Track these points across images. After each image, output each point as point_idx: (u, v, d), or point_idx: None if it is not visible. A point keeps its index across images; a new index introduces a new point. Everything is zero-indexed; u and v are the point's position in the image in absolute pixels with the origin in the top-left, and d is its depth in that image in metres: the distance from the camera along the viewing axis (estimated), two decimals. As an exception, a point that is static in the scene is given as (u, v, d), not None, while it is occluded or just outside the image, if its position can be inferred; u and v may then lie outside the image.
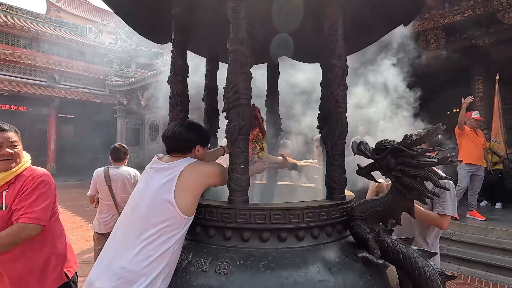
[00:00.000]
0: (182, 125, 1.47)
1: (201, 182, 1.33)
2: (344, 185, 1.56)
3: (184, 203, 1.26)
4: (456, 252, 4.32)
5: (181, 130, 1.44)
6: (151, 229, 1.22)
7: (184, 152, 1.43)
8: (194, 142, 1.45)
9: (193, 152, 1.45)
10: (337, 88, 1.54)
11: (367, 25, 1.93)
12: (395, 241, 1.36)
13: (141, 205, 1.28)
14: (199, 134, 1.49)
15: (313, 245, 1.37)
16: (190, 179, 1.30)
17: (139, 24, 2.07)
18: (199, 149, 1.48)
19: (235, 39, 1.40)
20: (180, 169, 1.30)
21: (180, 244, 1.31)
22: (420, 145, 1.30)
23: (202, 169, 1.36)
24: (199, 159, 1.46)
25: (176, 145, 1.44)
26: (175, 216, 1.24)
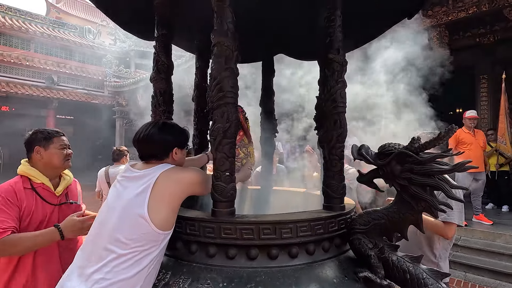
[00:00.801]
0: (155, 126, 1.29)
1: (179, 192, 1.17)
2: (343, 194, 1.40)
3: (159, 217, 1.11)
4: (463, 259, 4.14)
5: (154, 131, 1.26)
6: (119, 249, 1.06)
7: (160, 158, 1.27)
8: (171, 145, 1.28)
9: (170, 157, 1.28)
10: (334, 86, 1.39)
11: (368, 17, 1.78)
12: (401, 258, 1.20)
13: (109, 220, 1.12)
14: (176, 135, 1.32)
15: (308, 263, 1.21)
16: (166, 188, 1.14)
17: (123, 18, 1.92)
18: (177, 152, 1.30)
19: (220, 31, 1.24)
20: (155, 178, 1.14)
21: (157, 263, 1.15)
22: (429, 149, 1.13)
23: (180, 177, 1.19)
24: (177, 164, 1.30)
25: (150, 149, 1.27)
26: (148, 232, 1.08)
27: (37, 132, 1.70)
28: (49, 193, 1.63)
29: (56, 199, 1.65)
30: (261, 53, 2.38)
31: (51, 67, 14.20)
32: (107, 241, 1.08)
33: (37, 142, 1.66)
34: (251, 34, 2.01)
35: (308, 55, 2.41)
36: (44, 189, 1.62)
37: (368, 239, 1.26)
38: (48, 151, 1.65)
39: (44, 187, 1.62)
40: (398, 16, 1.87)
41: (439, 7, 5.59)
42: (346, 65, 1.43)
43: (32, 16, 15.46)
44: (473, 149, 4.71)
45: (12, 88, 12.75)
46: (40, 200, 1.58)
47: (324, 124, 1.43)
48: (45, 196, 1.61)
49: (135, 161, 1.31)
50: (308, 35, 1.83)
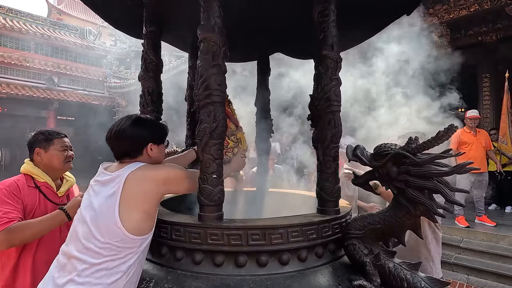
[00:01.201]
0: (127, 120, 1.19)
1: (151, 192, 1.07)
2: (338, 197, 1.34)
3: (132, 222, 1.03)
4: (465, 261, 4.05)
5: (126, 126, 1.16)
6: (92, 258, 0.99)
7: (134, 155, 1.16)
8: (144, 140, 1.17)
9: (145, 154, 1.18)
10: (329, 83, 1.32)
11: (365, 13, 1.71)
12: (398, 265, 1.13)
13: (80, 228, 1.05)
14: (150, 129, 1.20)
15: (299, 271, 1.15)
16: (137, 189, 1.05)
17: (112, 15, 1.87)
18: (153, 147, 1.19)
19: (206, 26, 1.18)
20: (123, 179, 1.05)
21: (137, 270, 1.08)
22: (427, 150, 1.07)
23: (151, 174, 1.09)
24: (154, 161, 1.20)
25: (122, 146, 1.17)
26: (122, 239, 1.02)
27: (39, 133, 1.68)
28: (52, 193, 1.62)
29: (58, 200, 1.63)
30: (257, 52, 2.32)
31: (51, 68, 14.19)
32: (79, 251, 1.02)
33: (38, 143, 1.64)
34: (245, 33, 1.95)
35: (305, 53, 2.35)
36: (47, 188, 1.61)
37: (363, 244, 1.20)
38: (48, 153, 1.63)
39: (47, 186, 1.61)
40: (397, 12, 1.80)
41: (440, 5, 5.51)
42: (340, 62, 1.37)
43: (33, 18, 15.47)
44: (474, 149, 4.62)
45: (13, 89, 12.76)
46: (43, 199, 1.57)
47: (318, 124, 1.36)
48: (48, 195, 1.59)
49: (109, 162, 1.22)
50: (304, 32, 1.76)
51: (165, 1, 1.56)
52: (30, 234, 1.40)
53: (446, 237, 4.46)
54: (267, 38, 2.13)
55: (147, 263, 1.23)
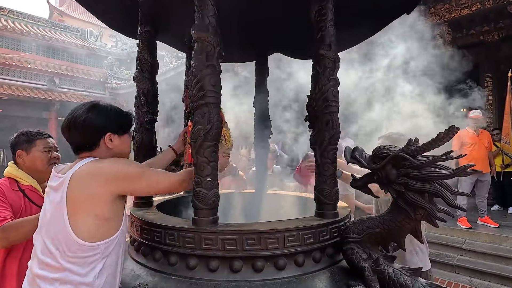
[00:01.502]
0: (82, 107, 1.06)
1: (98, 193, 0.94)
2: (336, 200, 1.31)
3: (84, 230, 0.93)
4: (467, 263, 4.00)
5: (79, 114, 1.03)
6: (51, 273, 0.93)
7: (90, 147, 1.05)
8: (101, 129, 1.05)
9: (103, 146, 1.06)
10: (326, 84, 1.29)
11: (365, 12, 1.69)
12: (398, 271, 1.10)
13: (37, 243, 0.98)
14: (108, 116, 1.07)
15: (296, 276, 1.12)
16: (81, 190, 0.94)
17: (106, 15, 1.85)
18: (113, 138, 1.06)
19: (200, 25, 1.15)
20: (68, 179, 0.94)
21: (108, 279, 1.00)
22: (428, 151, 1.04)
23: (96, 171, 0.96)
24: (115, 154, 1.08)
25: (76, 137, 1.05)
26: (78, 248, 0.93)
27: (20, 134, 1.63)
28: (38, 196, 1.57)
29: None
30: (255, 53, 2.30)
31: (52, 70, 14.23)
32: (39, 267, 0.95)
33: (19, 145, 1.59)
34: (242, 33, 1.93)
35: (304, 53, 2.32)
36: (32, 191, 1.56)
37: (362, 249, 1.16)
38: (30, 155, 1.58)
39: (32, 189, 1.57)
40: (397, 11, 1.77)
41: (442, 5, 5.47)
42: (338, 62, 1.34)
43: (34, 19, 15.52)
44: (477, 150, 4.57)
45: (14, 90, 12.79)
46: (28, 202, 1.53)
47: (315, 125, 1.33)
48: (33, 198, 1.55)
49: (64, 164, 1.09)
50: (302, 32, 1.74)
51: (160, 1, 1.54)
52: (23, 232, 1.36)
53: (448, 239, 4.42)
54: (265, 38, 2.11)
55: (141, 268, 1.20)
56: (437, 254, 4.23)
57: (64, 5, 26.33)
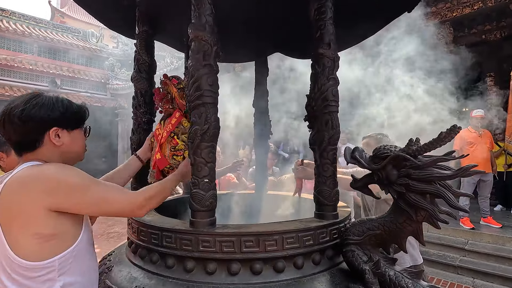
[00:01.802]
0: (21, 98, 0.90)
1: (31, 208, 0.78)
2: (336, 201, 1.29)
3: (25, 247, 0.79)
4: (470, 264, 3.97)
5: (17, 104, 0.86)
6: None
7: (32, 145, 0.88)
8: (43, 124, 0.87)
9: (48, 143, 0.89)
10: (326, 83, 1.27)
11: (364, 10, 1.67)
12: (399, 273, 1.08)
13: None
14: (52, 108, 0.89)
15: (296, 278, 1.10)
16: (13, 203, 0.78)
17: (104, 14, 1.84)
18: (60, 134, 0.90)
19: (197, 24, 1.14)
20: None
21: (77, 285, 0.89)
22: (429, 152, 1.02)
23: (34, 179, 0.80)
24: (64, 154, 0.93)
25: (11, 134, 0.87)
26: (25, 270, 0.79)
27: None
28: None
29: None
30: (254, 52, 2.28)
31: (54, 71, 14.30)
32: None
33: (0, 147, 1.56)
34: (241, 32, 1.91)
35: (304, 53, 2.30)
36: None
37: (362, 251, 1.14)
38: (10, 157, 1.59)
39: None
40: (397, 10, 1.75)
41: (443, 3, 5.44)
42: (338, 61, 1.32)
43: (36, 21, 15.59)
44: (479, 150, 4.53)
45: (16, 92, 12.83)
46: None
47: (314, 125, 1.32)
48: None
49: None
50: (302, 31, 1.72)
51: (157, 0, 1.52)
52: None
53: (451, 239, 4.38)
54: (264, 37, 2.09)
55: (138, 270, 1.19)
56: (440, 255, 4.19)
57: (65, 7, 26.45)
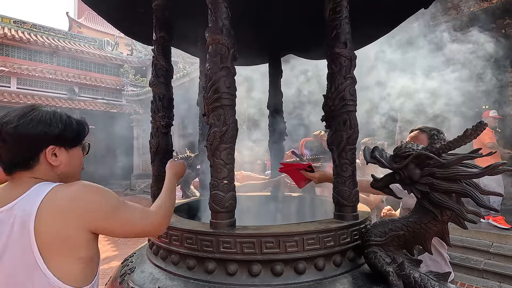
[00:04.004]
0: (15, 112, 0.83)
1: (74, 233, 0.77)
2: (356, 201, 1.27)
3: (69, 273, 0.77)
4: (496, 267, 3.80)
5: (11, 119, 0.80)
6: None
7: (26, 165, 0.82)
8: (38, 142, 0.81)
9: (43, 162, 0.83)
10: (343, 82, 1.26)
11: (381, 8, 1.65)
12: (425, 275, 1.05)
13: None
14: (49, 124, 0.83)
15: (317, 280, 1.09)
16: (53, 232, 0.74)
17: (124, 23, 1.90)
18: (57, 152, 0.84)
19: (214, 28, 1.16)
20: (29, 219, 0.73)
21: None
22: (454, 149, 0.99)
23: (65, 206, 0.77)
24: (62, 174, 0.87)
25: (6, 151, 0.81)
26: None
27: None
28: None
29: None
30: (268, 55, 2.29)
31: (72, 79, 14.83)
32: None
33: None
34: (256, 35, 1.93)
35: (318, 54, 2.29)
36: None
37: (385, 252, 1.12)
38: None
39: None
40: (414, 6, 1.72)
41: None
42: (355, 60, 1.31)
43: (55, 32, 16.25)
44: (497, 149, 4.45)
45: (37, 100, 13.39)
46: None
47: (332, 125, 1.30)
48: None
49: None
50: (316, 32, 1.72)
51: (173, 6, 1.56)
52: None
53: (474, 242, 4.22)
54: (278, 39, 2.10)
55: (160, 271, 1.20)
56: (463, 258, 4.04)
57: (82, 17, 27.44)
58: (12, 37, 13.83)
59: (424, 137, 1.83)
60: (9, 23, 14.67)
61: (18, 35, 14.19)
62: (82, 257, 0.80)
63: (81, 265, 0.80)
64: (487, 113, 4.77)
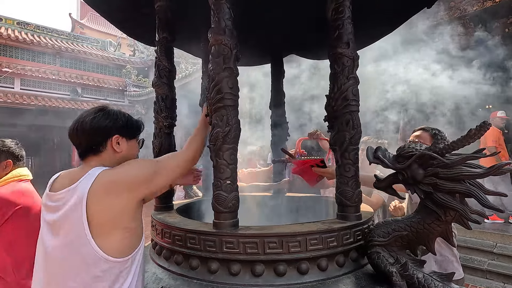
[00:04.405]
0: (89, 111, 1.07)
1: (122, 205, 0.92)
2: (359, 202, 1.26)
3: (113, 245, 0.91)
4: (500, 268, 3.77)
5: (87, 116, 1.04)
6: None
7: (97, 150, 1.02)
8: (107, 130, 1.03)
9: (109, 148, 1.04)
10: (346, 82, 1.26)
11: (382, 8, 1.64)
12: (428, 276, 1.05)
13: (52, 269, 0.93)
14: (115, 119, 1.05)
15: (320, 280, 1.09)
16: (104, 209, 0.90)
17: (125, 23, 1.90)
18: (120, 141, 1.05)
19: (217, 28, 1.16)
20: (83, 197, 0.89)
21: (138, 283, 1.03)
22: (457, 149, 0.98)
23: (114, 182, 0.93)
24: (123, 159, 1.05)
25: (82, 140, 1.02)
26: (109, 267, 0.91)
27: None
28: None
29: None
30: (270, 55, 2.29)
31: (75, 80, 14.90)
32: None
33: None
34: (258, 35, 1.93)
35: (320, 54, 2.29)
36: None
37: (388, 253, 1.12)
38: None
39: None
40: (416, 5, 1.72)
41: (462, -2, 5.26)
42: (357, 60, 1.30)
43: (58, 33, 16.34)
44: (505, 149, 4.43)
45: (41, 101, 13.49)
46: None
47: (335, 125, 1.30)
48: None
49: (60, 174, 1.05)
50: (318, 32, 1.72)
51: (175, 7, 1.56)
52: None
53: (478, 242, 4.19)
54: (280, 39, 2.10)
55: (163, 271, 1.21)
56: (466, 259, 4.02)
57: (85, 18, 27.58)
58: (16, 38, 13.92)
59: (426, 136, 1.87)
60: (12, 24, 14.78)
61: (22, 36, 14.29)
62: (126, 227, 0.94)
63: (124, 235, 0.94)
64: (495, 114, 4.75)
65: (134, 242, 0.99)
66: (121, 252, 0.94)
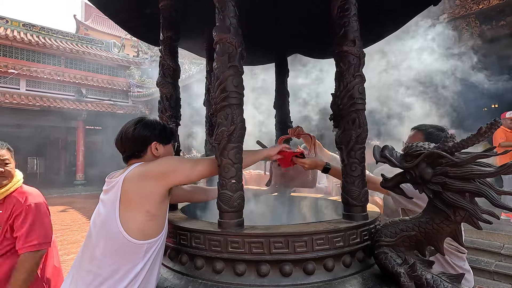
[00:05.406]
0: (132, 121, 1.25)
1: (149, 190, 1.06)
2: (366, 201, 1.25)
3: (133, 225, 1.03)
4: (508, 269, 3.72)
5: (130, 127, 1.21)
6: (98, 268, 1.03)
7: (139, 155, 1.20)
8: (147, 139, 1.20)
9: (149, 153, 1.20)
10: (352, 81, 1.25)
11: (389, 6, 1.62)
12: (437, 277, 1.03)
13: (90, 240, 1.09)
14: (154, 128, 1.23)
15: (326, 281, 1.07)
16: (134, 189, 1.05)
17: (131, 24, 1.91)
18: (158, 147, 1.21)
19: (222, 26, 1.15)
20: (121, 182, 1.06)
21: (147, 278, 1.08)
22: (467, 148, 0.96)
23: (146, 171, 1.09)
24: None
25: (126, 148, 1.20)
26: (124, 243, 1.03)
27: None
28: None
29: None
30: (274, 54, 2.28)
31: (79, 81, 15.00)
32: (88, 262, 1.05)
33: None
34: (263, 34, 1.92)
35: (324, 53, 2.28)
36: None
37: (396, 253, 1.10)
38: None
39: None
40: (422, 3, 1.70)
41: (468, -4, 5.21)
42: (363, 58, 1.29)
43: (62, 34, 16.48)
44: None
45: (45, 102, 13.60)
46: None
47: (341, 124, 1.29)
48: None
49: (116, 171, 1.22)
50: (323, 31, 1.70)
51: (180, 6, 1.56)
52: None
53: (484, 243, 4.14)
54: (285, 39, 2.09)
55: (168, 271, 1.21)
56: (473, 260, 3.97)
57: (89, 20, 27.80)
58: (21, 39, 14.06)
59: (420, 136, 1.71)
60: (18, 26, 14.93)
61: (27, 38, 14.43)
62: (149, 211, 1.05)
63: (145, 219, 1.04)
64: (504, 115, 4.72)
65: (152, 231, 1.07)
66: (136, 234, 1.03)
